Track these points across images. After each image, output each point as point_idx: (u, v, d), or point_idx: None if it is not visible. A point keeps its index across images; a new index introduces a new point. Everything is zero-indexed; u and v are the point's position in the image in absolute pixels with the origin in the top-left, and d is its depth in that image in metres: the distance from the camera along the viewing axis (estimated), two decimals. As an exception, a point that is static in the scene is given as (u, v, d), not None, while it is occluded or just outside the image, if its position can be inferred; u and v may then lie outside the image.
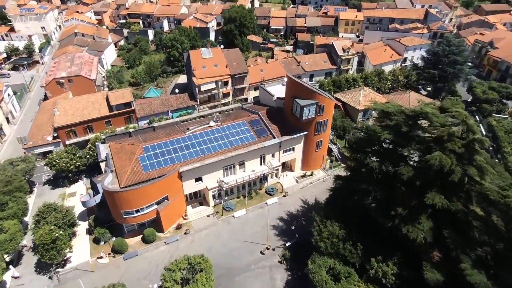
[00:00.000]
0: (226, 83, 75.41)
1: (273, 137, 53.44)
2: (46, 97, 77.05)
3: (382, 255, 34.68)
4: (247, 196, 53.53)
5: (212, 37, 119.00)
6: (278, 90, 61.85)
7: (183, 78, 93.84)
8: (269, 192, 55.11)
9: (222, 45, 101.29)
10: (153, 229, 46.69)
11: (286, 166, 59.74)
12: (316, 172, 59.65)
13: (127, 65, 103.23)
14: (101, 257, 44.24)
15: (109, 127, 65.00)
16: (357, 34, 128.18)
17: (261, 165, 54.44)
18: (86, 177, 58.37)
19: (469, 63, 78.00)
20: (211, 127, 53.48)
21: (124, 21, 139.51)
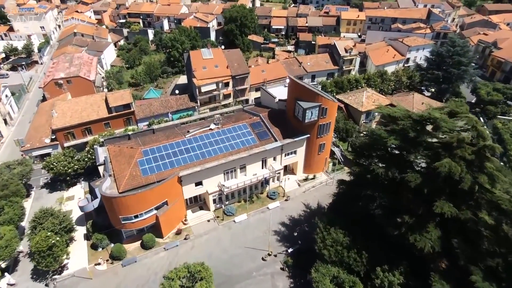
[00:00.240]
0: (227, 84, 74.30)
1: (275, 140, 52.37)
2: (44, 98, 76.09)
3: (387, 264, 33.58)
4: (248, 200, 52.49)
5: (212, 37, 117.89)
6: (279, 91, 60.79)
7: (183, 78, 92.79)
8: (270, 196, 54.07)
9: (223, 46, 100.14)
10: (152, 235, 45.66)
11: (288, 169, 58.67)
12: (318, 175, 58.59)
13: (127, 65, 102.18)
14: (99, 264, 43.21)
15: (108, 129, 64.01)
16: (359, 34, 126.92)
17: (263, 168, 53.39)
18: (84, 181, 57.37)
19: (474, 64, 76.51)
20: (212, 129, 52.41)
21: (124, 21, 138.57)
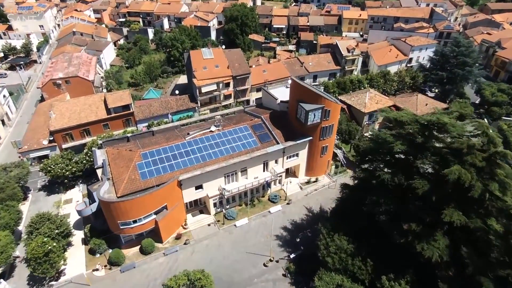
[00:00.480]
0: (227, 85, 73.20)
1: (277, 142, 51.33)
2: (42, 98, 75.06)
3: (393, 272, 32.58)
4: (249, 203, 51.53)
5: (213, 36, 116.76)
6: (281, 92, 59.71)
7: (183, 78, 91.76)
8: (272, 199, 53.06)
9: (223, 45, 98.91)
10: (152, 240, 44.69)
11: (289, 172, 57.66)
12: (320, 178, 57.58)
13: (127, 65, 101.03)
14: (96, 270, 42.25)
15: (106, 130, 62.99)
16: (361, 33, 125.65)
17: (264, 171, 52.37)
18: (82, 183, 56.40)
19: (479, 65, 75.18)
20: (212, 132, 51.38)
21: (123, 20, 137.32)
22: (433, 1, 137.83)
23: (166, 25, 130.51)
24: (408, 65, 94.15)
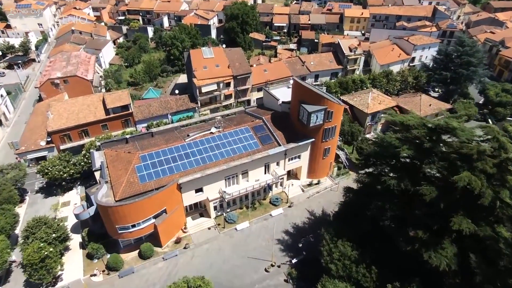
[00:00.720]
0: (228, 85, 72.09)
1: (278, 144, 50.34)
2: (40, 98, 73.97)
3: (399, 280, 31.66)
4: (250, 206, 50.59)
5: (213, 34, 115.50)
6: (283, 93, 58.68)
7: (183, 77, 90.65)
8: (273, 202, 52.12)
9: (224, 44, 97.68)
10: (151, 244, 43.75)
11: (291, 173, 56.71)
12: (323, 180, 56.62)
13: (126, 64, 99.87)
14: (94, 275, 41.38)
15: (105, 131, 61.98)
16: (362, 32, 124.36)
17: (265, 174, 51.40)
18: (81, 185, 55.45)
19: (484, 64, 73.87)
20: (213, 133, 50.38)
21: (123, 18, 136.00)
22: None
23: (166, 23, 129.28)
24: (410, 65, 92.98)
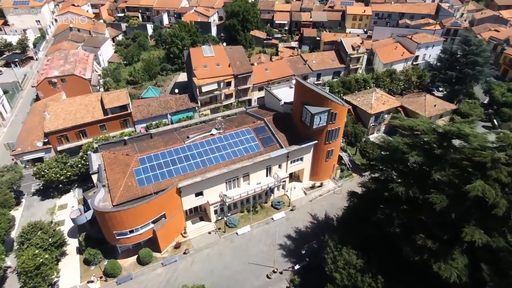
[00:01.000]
0: (228, 84, 70.71)
1: (281, 146, 49.08)
2: (38, 97, 72.69)
3: (406, 291, 30.55)
4: (251, 210, 49.41)
5: (213, 32, 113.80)
6: (285, 93, 57.36)
7: (183, 76, 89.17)
8: (275, 205, 50.93)
9: (224, 42, 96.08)
10: (149, 249, 42.57)
11: (293, 176, 55.50)
12: (325, 182, 55.42)
13: (125, 62, 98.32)
14: (92, 281, 40.26)
15: (103, 131, 60.73)
16: (365, 29, 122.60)
17: (267, 176, 50.21)
18: (78, 187, 54.28)
19: (490, 64, 72.26)
20: (213, 135, 49.11)
21: (122, 15, 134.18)
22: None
23: (165, 21, 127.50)
24: (414, 63, 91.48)
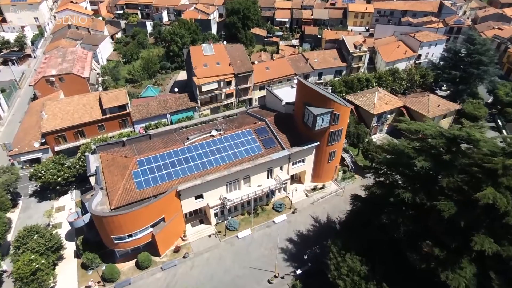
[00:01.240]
0: (229, 83, 69.60)
1: (282, 148, 48.13)
2: (35, 96, 71.61)
3: (412, 300, 29.73)
4: (252, 213, 48.52)
5: (214, 29, 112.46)
6: (286, 93, 56.30)
7: (182, 74, 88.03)
8: (276, 208, 50.05)
9: (225, 41, 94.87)
10: (148, 254, 41.70)
11: (294, 177, 54.56)
12: (327, 184, 54.51)
13: (124, 60, 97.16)
14: (89, 287, 39.39)
15: (102, 132, 59.73)
16: (366, 27, 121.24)
17: (268, 179, 49.29)
18: (76, 189, 53.37)
19: (495, 64, 71.02)
20: (213, 136, 48.14)
21: (121, 12, 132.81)
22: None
23: (165, 18, 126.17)
24: (416, 62, 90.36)
